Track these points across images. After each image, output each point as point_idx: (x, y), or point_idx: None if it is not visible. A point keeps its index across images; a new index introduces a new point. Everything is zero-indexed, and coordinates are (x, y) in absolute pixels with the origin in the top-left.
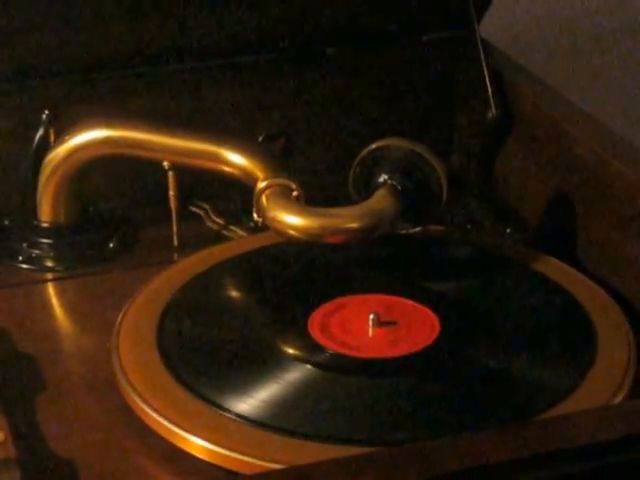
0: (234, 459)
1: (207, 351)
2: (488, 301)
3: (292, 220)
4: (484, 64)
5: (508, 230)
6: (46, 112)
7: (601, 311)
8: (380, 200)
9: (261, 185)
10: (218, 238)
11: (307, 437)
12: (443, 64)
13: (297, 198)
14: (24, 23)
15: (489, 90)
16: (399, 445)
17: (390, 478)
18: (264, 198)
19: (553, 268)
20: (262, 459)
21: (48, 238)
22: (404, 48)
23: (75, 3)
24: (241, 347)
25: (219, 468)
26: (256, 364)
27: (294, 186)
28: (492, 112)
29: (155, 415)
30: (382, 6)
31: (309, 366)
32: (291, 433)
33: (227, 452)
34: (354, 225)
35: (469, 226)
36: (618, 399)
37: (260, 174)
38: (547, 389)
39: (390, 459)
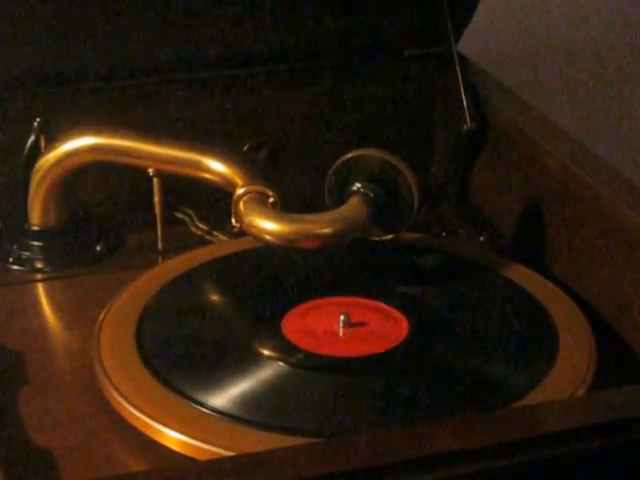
0: (206, 450)
1: (184, 348)
2: (456, 304)
3: (267, 225)
4: (460, 79)
5: (482, 238)
6: (38, 120)
7: (563, 313)
8: (352, 207)
9: (239, 192)
10: (201, 243)
11: (278, 430)
12: (423, 78)
13: (273, 204)
14: (17, 34)
15: (464, 103)
16: None
17: (343, 464)
18: (241, 204)
19: (519, 273)
20: (233, 451)
21: (38, 241)
22: (385, 63)
23: (68, 16)
24: (217, 345)
25: (192, 459)
26: (231, 361)
27: (270, 193)
28: (467, 125)
29: (131, 408)
30: (364, 22)
31: (281, 364)
32: (263, 426)
33: (200, 444)
34: (326, 231)
35: (444, 234)
36: (578, 394)
37: (239, 181)
38: (511, 386)
39: (343, 446)
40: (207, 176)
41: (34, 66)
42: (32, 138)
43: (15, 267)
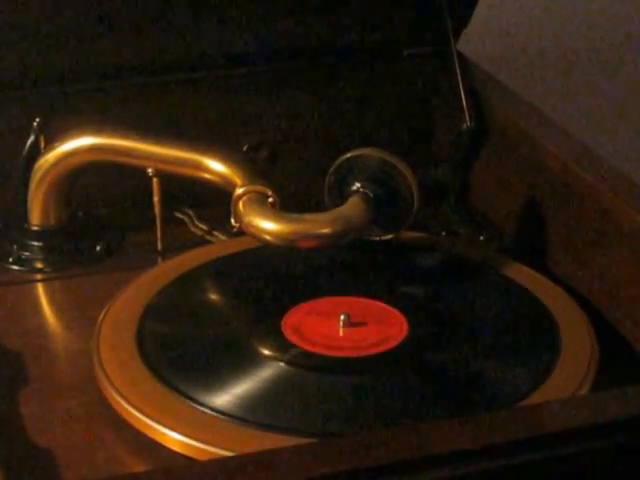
0: (206, 451)
1: (184, 348)
2: (456, 304)
3: (266, 225)
4: (460, 79)
5: (482, 237)
6: (37, 120)
7: (564, 313)
8: (352, 207)
9: (238, 192)
10: (201, 243)
11: (278, 430)
12: (423, 78)
13: (273, 204)
14: (15, 34)
15: (464, 102)
16: None
17: (343, 464)
18: (241, 204)
19: (520, 273)
20: (233, 451)
21: (38, 241)
22: (385, 62)
23: (67, 16)
24: (217, 345)
25: (192, 460)
26: (231, 361)
27: (270, 193)
28: (467, 124)
29: (131, 408)
30: (364, 21)
31: (282, 364)
32: (263, 427)
33: (200, 444)
34: (325, 230)
35: (444, 233)
36: (580, 394)
37: (238, 181)
38: (512, 386)
39: (343, 446)
40: (207, 176)
41: (34, 66)
42: (32, 138)
43: (15, 267)
